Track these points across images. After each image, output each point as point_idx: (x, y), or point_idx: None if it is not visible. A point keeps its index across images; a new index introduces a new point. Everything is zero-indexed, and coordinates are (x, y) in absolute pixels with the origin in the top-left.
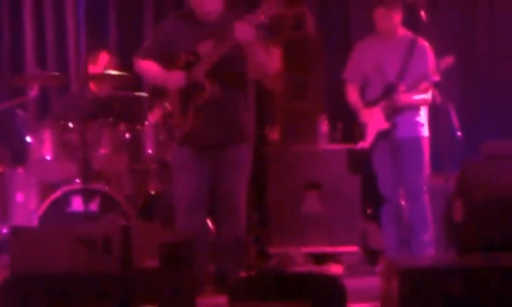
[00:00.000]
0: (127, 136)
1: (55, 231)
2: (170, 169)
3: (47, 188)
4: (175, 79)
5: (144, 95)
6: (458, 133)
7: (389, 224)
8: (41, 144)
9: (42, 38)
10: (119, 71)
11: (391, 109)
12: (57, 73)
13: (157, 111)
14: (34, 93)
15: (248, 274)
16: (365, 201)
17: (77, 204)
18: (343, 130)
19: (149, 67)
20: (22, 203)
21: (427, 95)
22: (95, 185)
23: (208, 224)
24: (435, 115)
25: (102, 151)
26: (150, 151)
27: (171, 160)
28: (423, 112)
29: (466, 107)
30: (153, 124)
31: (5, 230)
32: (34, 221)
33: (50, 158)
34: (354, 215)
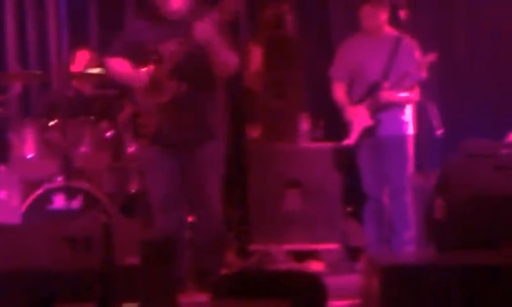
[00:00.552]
0: (108, 135)
1: (36, 228)
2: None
3: (29, 186)
4: (139, 78)
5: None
6: (438, 132)
7: (370, 222)
8: (23, 142)
9: (24, 36)
10: (100, 69)
11: (375, 107)
12: (39, 72)
13: (126, 110)
14: (15, 91)
15: (230, 272)
16: (347, 199)
17: (59, 202)
18: (324, 128)
19: (116, 66)
20: (5, 201)
21: (413, 93)
22: (77, 183)
23: (187, 222)
24: (416, 113)
25: (83, 149)
26: (131, 149)
27: (141, 159)
28: (408, 110)
29: (446, 106)
30: (123, 123)
31: None
32: (17, 219)
33: (32, 156)
34: (335, 213)
